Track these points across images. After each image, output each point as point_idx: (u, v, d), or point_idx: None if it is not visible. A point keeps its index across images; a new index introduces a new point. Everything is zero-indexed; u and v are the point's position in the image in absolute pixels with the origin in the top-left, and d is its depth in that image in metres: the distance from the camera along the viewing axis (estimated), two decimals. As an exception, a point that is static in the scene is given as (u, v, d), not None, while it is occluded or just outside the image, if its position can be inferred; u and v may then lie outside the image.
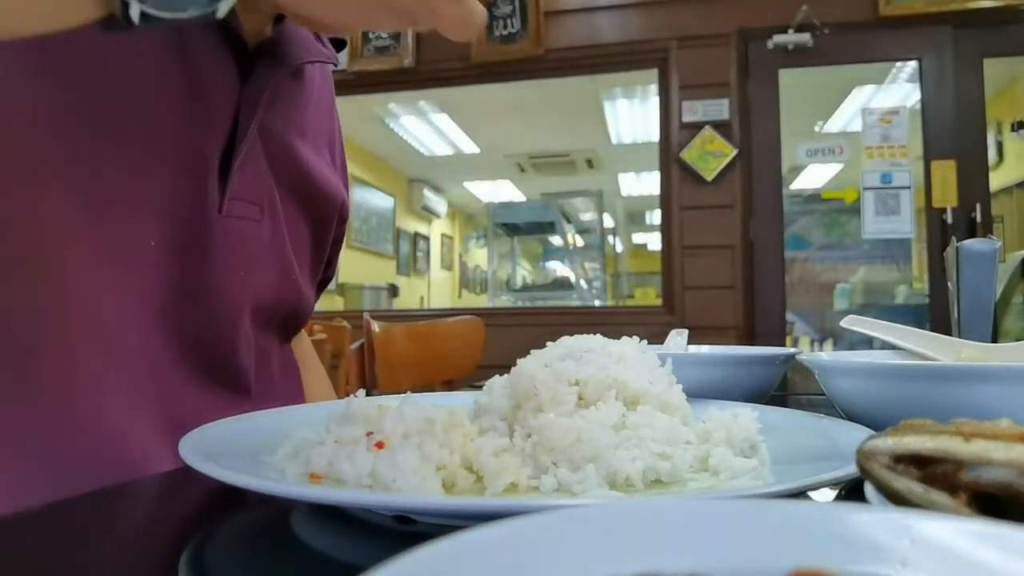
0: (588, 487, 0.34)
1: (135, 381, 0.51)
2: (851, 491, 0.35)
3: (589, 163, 6.17)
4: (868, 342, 0.70)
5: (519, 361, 0.42)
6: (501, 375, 0.44)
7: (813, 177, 4.59)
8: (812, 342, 3.99)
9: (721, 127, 3.03)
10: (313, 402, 0.70)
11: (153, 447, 0.50)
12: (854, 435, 0.37)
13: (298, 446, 0.38)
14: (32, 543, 0.32)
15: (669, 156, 3.13)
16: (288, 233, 0.61)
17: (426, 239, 7.37)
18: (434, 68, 3.37)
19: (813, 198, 4.43)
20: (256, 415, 0.47)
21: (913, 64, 3.05)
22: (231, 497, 0.39)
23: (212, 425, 0.41)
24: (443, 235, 7.91)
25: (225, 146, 0.53)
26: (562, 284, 5.99)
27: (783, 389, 0.92)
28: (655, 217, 7.00)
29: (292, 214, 0.62)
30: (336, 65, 0.66)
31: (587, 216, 6.62)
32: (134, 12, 0.34)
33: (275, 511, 0.36)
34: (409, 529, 0.31)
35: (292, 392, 0.69)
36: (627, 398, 0.41)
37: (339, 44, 0.67)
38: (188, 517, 0.39)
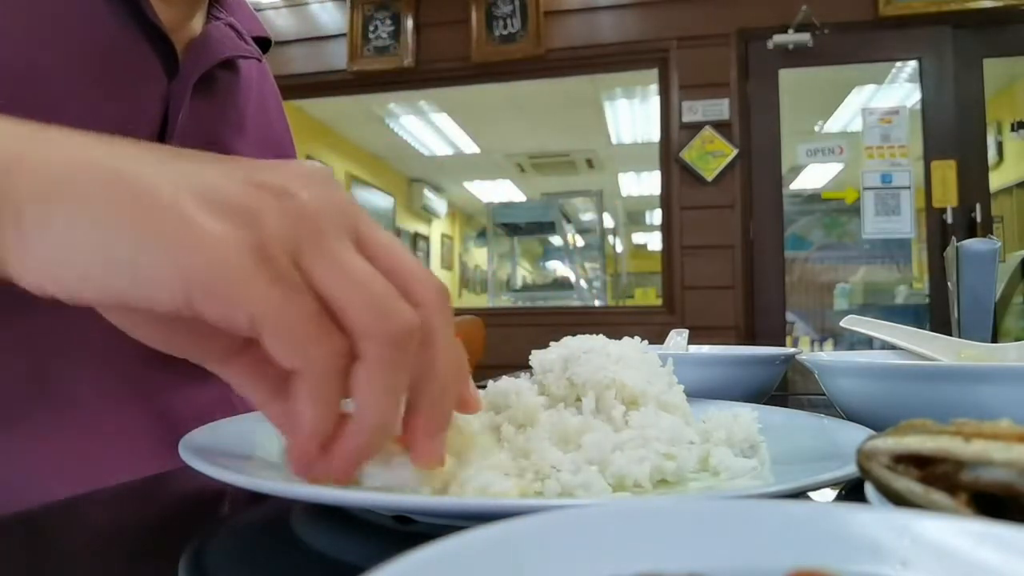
0: (592, 491, 0.34)
1: (106, 359, 0.52)
2: (851, 491, 0.35)
3: (589, 163, 6.16)
4: (868, 342, 0.70)
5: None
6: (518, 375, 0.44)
7: (813, 177, 4.59)
8: (812, 342, 3.99)
9: (721, 127, 3.03)
10: None
11: (129, 421, 0.52)
12: (854, 435, 0.37)
13: None
14: (32, 543, 0.32)
15: (669, 156, 3.13)
16: None
17: (426, 239, 7.37)
18: (434, 68, 3.37)
19: (813, 198, 4.43)
20: (258, 415, 0.47)
21: (913, 64, 3.05)
22: (231, 497, 0.39)
23: (212, 425, 0.41)
24: (443, 235, 7.91)
25: (157, 139, 0.55)
26: (562, 284, 5.99)
27: (783, 389, 0.91)
28: (655, 217, 7.00)
29: None
30: (260, 60, 0.68)
31: (587, 216, 6.62)
32: None
33: (275, 511, 0.36)
34: (409, 529, 0.31)
35: None
36: (626, 398, 0.41)
37: (264, 44, 0.69)
38: (188, 517, 0.39)
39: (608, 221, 7.19)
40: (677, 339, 0.73)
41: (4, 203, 0.26)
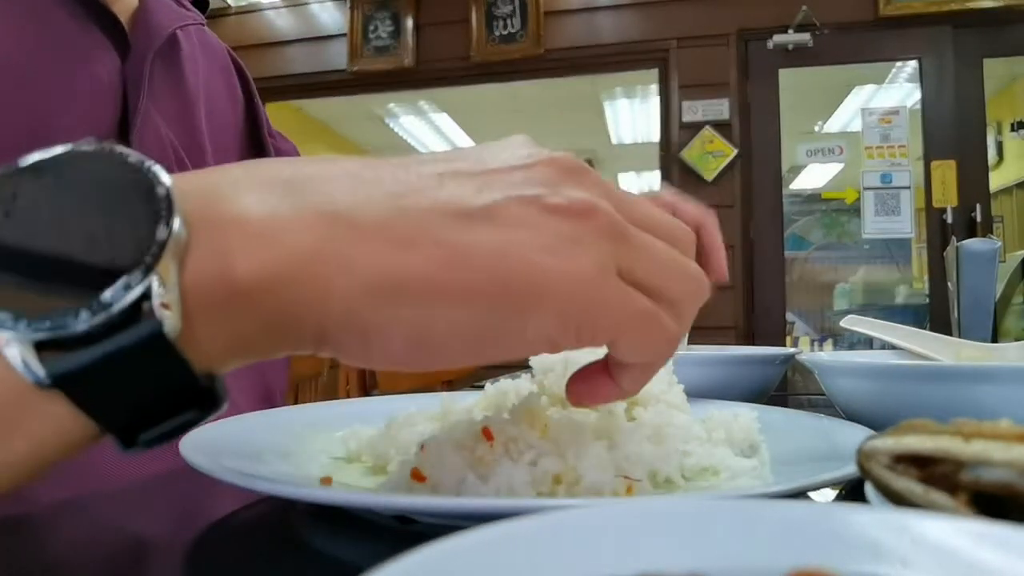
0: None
1: None
2: (851, 491, 0.35)
3: (589, 163, 6.10)
4: (868, 342, 0.70)
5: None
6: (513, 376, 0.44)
7: (813, 177, 4.58)
8: (812, 342, 3.99)
9: (721, 127, 3.03)
10: None
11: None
12: (854, 435, 0.37)
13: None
14: (32, 543, 0.32)
15: (669, 156, 3.13)
16: None
17: (426, 239, 7.36)
18: (434, 68, 3.37)
19: (813, 198, 4.43)
20: (258, 415, 0.47)
21: (913, 64, 3.05)
22: (231, 497, 0.39)
23: (212, 425, 0.41)
24: (443, 235, 7.90)
25: (119, 121, 0.54)
26: (562, 284, 5.99)
27: (783, 389, 0.92)
28: (655, 217, 6.97)
29: None
30: (204, 25, 0.67)
31: (587, 216, 6.62)
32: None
33: (275, 511, 0.36)
34: (409, 529, 0.31)
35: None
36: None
37: (201, 6, 0.68)
38: (188, 517, 0.39)
39: (608, 221, 7.19)
40: (677, 339, 0.73)
41: (299, 321, 0.24)
